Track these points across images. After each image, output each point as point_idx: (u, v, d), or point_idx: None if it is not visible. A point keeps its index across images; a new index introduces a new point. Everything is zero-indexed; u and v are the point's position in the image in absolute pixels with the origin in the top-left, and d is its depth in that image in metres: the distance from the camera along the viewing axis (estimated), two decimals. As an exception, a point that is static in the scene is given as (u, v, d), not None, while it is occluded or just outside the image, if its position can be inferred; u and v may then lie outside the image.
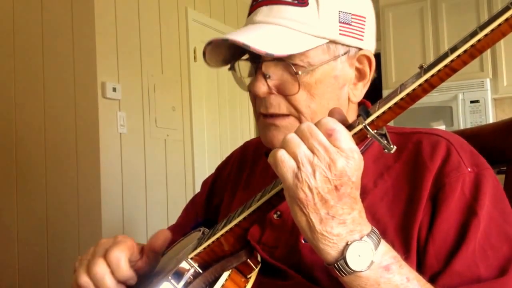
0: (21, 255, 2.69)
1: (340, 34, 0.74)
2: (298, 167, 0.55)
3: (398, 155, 0.76)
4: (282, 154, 0.56)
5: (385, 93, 4.53)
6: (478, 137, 0.95)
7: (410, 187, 0.72)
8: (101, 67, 2.52)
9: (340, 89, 0.78)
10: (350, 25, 0.75)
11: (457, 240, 0.68)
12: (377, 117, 0.56)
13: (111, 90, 2.52)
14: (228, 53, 0.79)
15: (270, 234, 0.79)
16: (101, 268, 0.68)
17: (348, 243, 0.56)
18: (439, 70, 0.53)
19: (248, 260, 0.66)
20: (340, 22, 0.74)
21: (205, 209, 0.99)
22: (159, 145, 2.87)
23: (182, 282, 0.64)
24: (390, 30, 4.54)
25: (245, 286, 0.65)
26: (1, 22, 2.78)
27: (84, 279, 0.69)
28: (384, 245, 0.58)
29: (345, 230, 0.56)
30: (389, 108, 0.55)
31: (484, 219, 0.68)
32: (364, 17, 0.78)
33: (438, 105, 4.31)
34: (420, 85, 0.54)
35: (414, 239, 0.69)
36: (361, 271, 0.56)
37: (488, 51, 4.19)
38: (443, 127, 3.98)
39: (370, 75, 0.80)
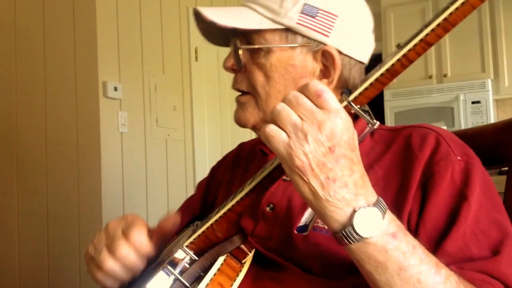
0: (21, 254, 2.69)
1: (298, 23, 0.79)
2: (289, 136, 0.56)
3: (389, 148, 0.79)
4: (271, 128, 0.57)
5: (387, 93, 4.53)
6: (479, 137, 0.94)
7: (400, 176, 0.74)
8: (102, 66, 2.52)
9: (299, 79, 0.81)
10: (314, 18, 0.79)
11: (448, 223, 0.69)
12: (360, 93, 0.58)
13: (112, 89, 2.52)
14: (220, 34, 0.86)
15: (263, 226, 0.79)
16: (125, 249, 0.70)
17: (356, 209, 0.56)
18: (415, 45, 0.55)
19: (242, 245, 0.68)
20: (302, 13, 0.79)
21: (201, 209, 1.00)
22: (160, 144, 2.87)
23: (178, 269, 0.65)
24: (391, 30, 4.54)
25: (240, 271, 0.66)
26: (3, 22, 2.79)
27: (110, 262, 0.71)
28: (390, 214, 0.59)
29: (349, 194, 0.56)
30: (371, 84, 0.58)
31: (474, 204, 0.69)
32: (336, 15, 0.80)
33: (439, 106, 4.31)
34: (398, 60, 0.56)
35: (404, 226, 0.69)
36: (369, 238, 0.56)
37: (490, 52, 4.19)
38: (444, 128, 3.98)
39: (334, 74, 0.81)
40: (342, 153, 0.56)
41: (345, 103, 0.58)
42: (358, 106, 0.58)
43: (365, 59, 0.86)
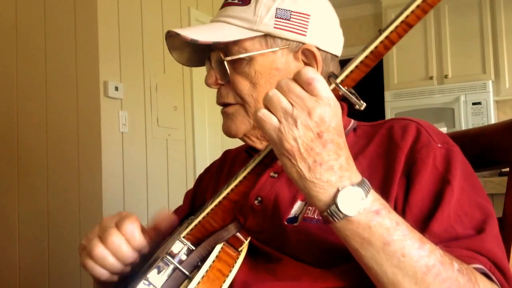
0: (22, 253, 2.69)
1: (275, 27, 0.82)
2: (280, 121, 0.59)
3: (372, 140, 0.82)
4: (263, 112, 0.60)
5: (387, 94, 4.53)
6: (480, 138, 0.94)
7: (384, 166, 0.77)
8: (104, 66, 2.52)
9: None
10: (289, 20, 0.82)
11: (433, 206, 0.71)
12: (346, 76, 0.60)
13: (113, 89, 2.52)
14: (195, 56, 0.90)
15: (253, 220, 0.81)
16: (117, 237, 0.71)
17: (339, 189, 0.59)
18: (396, 27, 0.58)
19: (238, 233, 0.69)
20: (277, 18, 0.82)
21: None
22: (161, 144, 2.87)
23: (177, 259, 0.66)
24: (392, 31, 4.53)
25: (237, 258, 0.68)
26: (4, 21, 2.79)
27: (100, 248, 0.71)
28: (373, 194, 0.61)
29: (334, 177, 0.59)
30: (356, 66, 0.60)
31: (456, 188, 0.72)
32: (308, 15, 0.84)
33: (440, 107, 4.31)
34: (381, 42, 0.59)
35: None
36: (352, 216, 0.59)
37: (491, 54, 4.19)
38: (444, 129, 3.98)
39: (317, 70, 0.84)
40: (329, 139, 0.59)
41: (333, 85, 0.60)
42: (346, 88, 0.60)
43: (339, 52, 0.90)
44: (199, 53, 0.90)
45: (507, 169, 0.90)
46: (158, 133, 2.85)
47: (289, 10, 0.82)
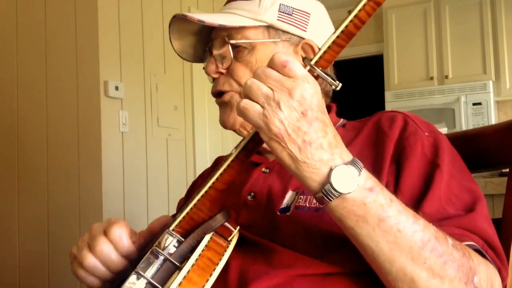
0: (22, 254, 2.69)
1: (278, 19, 0.86)
2: (263, 107, 0.59)
3: (360, 132, 0.85)
4: (245, 102, 0.60)
5: (388, 94, 4.53)
6: (480, 138, 0.94)
7: (373, 155, 0.78)
8: (104, 66, 2.52)
9: None
10: (291, 15, 0.87)
11: (424, 189, 0.72)
12: (320, 57, 0.62)
13: (113, 89, 2.52)
14: (195, 46, 0.94)
15: (245, 214, 0.82)
16: (105, 245, 0.71)
17: (332, 167, 0.59)
18: (364, 5, 0.60)
19: (227, 223, 0.69)
20: (280, 12, 0.87)
21: None
22: (161, 144, 2.87)
23: (166, 252, 0.66)
24: (393, 31, 4.53)
25: (227, 248, 0.68)
26: (4, 21, 2.79)
27: (90, 259, 0.71)
28: (365, 171, 0.61)
29: (325, 154, 0.59)
30: (329, 47, 0.61)
31: (445, 173, 0.74)
32: (308, 13, 0.89)
33: (440, 107, 4.31)
34: (351, 21, 0.60)
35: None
36: (347, 193, 0.59)
37: (491, 54, 4.19)
38: (445, 130, 3.98)
39: None
40: (314, 116, 0.59)
41: (308, 67, 0.61)
42: (320, 69, 0.61)
43: None
44: (200, 45, 0.93)
45: (507, 170, 0.90)
46: (158, 133, 2.85)
47: (291, 7, 0.87)
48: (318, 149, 0.59)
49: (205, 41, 0.93)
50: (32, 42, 2.69)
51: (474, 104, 4.21)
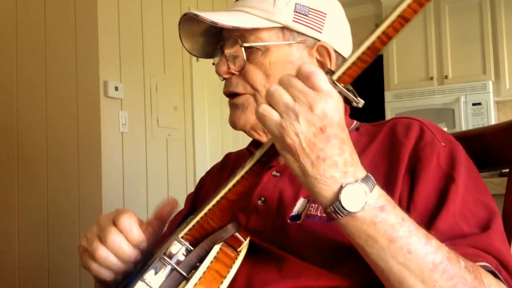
0: (21, 253, 2.69)
1: (293, 21, 0.83)
2: (281, 116, 0.58)
3: (374, 138, 0.82)
4: (264, 108, 0.59)
5: (388, 94, 4.53)
6: (480, 139, 0.94)
7: (387, 163, 0.76)
8: (104, 66, 2.52)
9: None
10: (307, 16, 0.83)
11: (438, 203, 0.71)
12: (343, 72, 0.59)
13: (113, 89, 2.52)
14: (205, 42, 0.90)
15: (255, 220, 0.81)
16: (116, 235, 0.70)
17: (343, 185, 0.58)
18: (393, 21, 0.57)
19: (237, 233, 0.68)
20: (296, 12, 0.83)
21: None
22: (161, 144, 2.87)
23: (174, 260, 0.65)
24: (392, 32, 4.53)
25: (236, 259, 0.67)
26: (4, 21, 2.79)
27: (102, 250, 0.70)
28: (378, 189, 0.60)
29: (338, 172, 0.58)
30: (353, 63, 0.59)
31: (461, 186, 0.72)
32: (325, 13, 0.85)
33: (440, 108, 4.31)
34: (378, 37, 0.58)
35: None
36: (356, 212, 0.58)
37: (491, 54, 4.19)
38: (444, 130, 3.98)
39: (331, 67, 0.84)
40: (333, 133, 0.57)
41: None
42: (342, 85, 0.59)
43: (348, 55, 0.89)
44: (209, 42, 0.90)
45: (507, 170, 0.90)
46: (158, 133, 2.84)
47: (307, 6, 0.83)
48: (332, 166, 0.58)
49: (215, 39, 0.89)
50: (31, 42, 2.69)
51: (474, 104, 4.21)
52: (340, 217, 0.58)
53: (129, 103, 2.65)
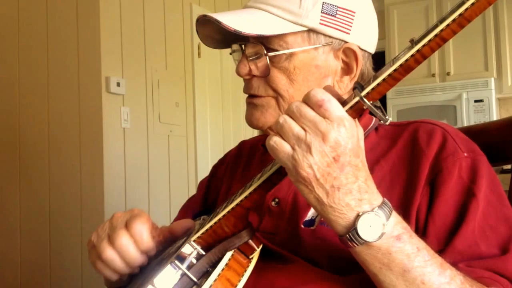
0: (23, 250, 2.70)
1: (320, 23, 0.77)
2: (293, 149, 0.56)
3: (394, 143, 0.79)
4: (275, 140, 0.57)
5: (389, 91, 4.52)
6: (483, 134, 0.94)
7: (407, 172, 0.74)
8: (106, 62, 2.52)
9: (323, 79, 0.80)
10: (335, 17, 0.78)
11: (457, 220, 0.69)
12: (372, 89, 0.57)
13: (115, 85, 2.52)
14: (220, 36, 0.83)
15: (268, 221, 0.80)
16: (125, 240, 0.69)
17: (360, 214, 0.57)
18: (429, 40, 0.54)
19: (250, 240, 0.67)
20: (323, 13, 0.77)
21: (202, 208, 1.00)
22: (163, 140, 2.87)
23: (186, 264, 0.64)
24: (394, 28, 4.53)
25: (248, 266, 0.66)
26: (6, 18, 2.79)
27: (109, 252, 0.70)
28: (395, 216, 0.59)
29: (353, 200, 0.57)
30: (383, 80, 0.56)
31: (482, 201, 0.69)
32: (353, 12, 0.80)
33: (442, 104, 4.31)
34: (412, 55, 0.55)
35: (412, 222, 0.70)
36: (372, 241, 0.57)
37: (493, 51, 4.18)
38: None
39: (357, 70, 0.81)
40: (346, 161, 0.56)
41: (357, 98, 0.57)
42: (371, 102, 0.57)
43: (373, 50, 0.86)
44: (226, 39, 0.84)
45: (509, 167, 0.90)
46: (160, 129, 2.85)
47: (335, 6, 0.78)
48: (347, 194, 0.57)
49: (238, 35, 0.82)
50: (33, 38, 2.69)
51: (475, 101, 4.21)
52: (356, 245, 0.58)
53: (131, 99, 2.65)
